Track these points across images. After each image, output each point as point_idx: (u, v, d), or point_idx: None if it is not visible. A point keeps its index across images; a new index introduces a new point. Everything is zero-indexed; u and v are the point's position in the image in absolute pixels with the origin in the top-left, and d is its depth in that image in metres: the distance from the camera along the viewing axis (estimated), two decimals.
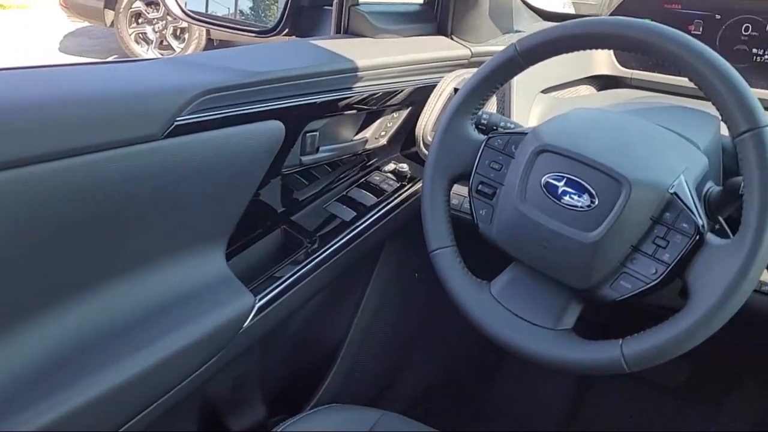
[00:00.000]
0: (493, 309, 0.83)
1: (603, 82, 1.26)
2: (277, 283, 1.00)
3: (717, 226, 0.81)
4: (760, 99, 1.06)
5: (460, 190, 0.95)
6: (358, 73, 1.05)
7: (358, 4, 1.18)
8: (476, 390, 1.58)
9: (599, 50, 0.86)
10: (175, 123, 0.81)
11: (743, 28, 1.08)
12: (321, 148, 1.08)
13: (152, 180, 0.81)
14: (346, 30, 1.19)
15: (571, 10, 2.65)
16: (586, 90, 1.25)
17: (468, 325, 0.84)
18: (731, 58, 1.08)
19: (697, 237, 0.72)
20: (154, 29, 5.33)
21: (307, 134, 1.04)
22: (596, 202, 0.76)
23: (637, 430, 1.46)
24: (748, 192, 0.69)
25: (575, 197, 0.77)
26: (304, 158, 1.06)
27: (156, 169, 0.81)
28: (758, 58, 1.08)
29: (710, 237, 0.73)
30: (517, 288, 0.84)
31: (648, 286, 0.74)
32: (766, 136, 0.68)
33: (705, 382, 1.44)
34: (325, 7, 1.23)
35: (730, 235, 0.73)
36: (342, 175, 1.18)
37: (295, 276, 1.02)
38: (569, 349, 0.78)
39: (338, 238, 1.08)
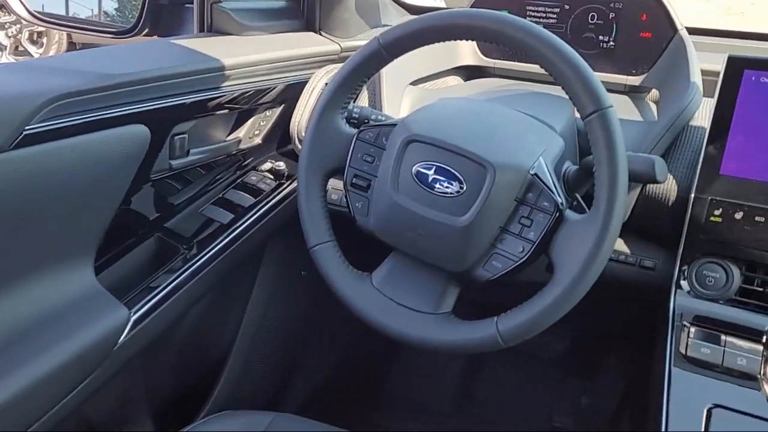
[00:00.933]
0: (375, 299, 0.84)
1: (469, 73, 1.30)
2: (153, 294, 0.96)
3: (575, 203, 0.87)
4: (608, 82, 1.16)
5: (340, 184, 0.96)
6: (225, 72, 1.02)
7: (220, 2, 1.15)
8: (371, 381, 1.60)
9: (464, 42, 0.90)
10: (24, 132, 0.75)
11: (590, 16, 1.16)
12: (191, 151, 1.05)
13: (3, 195, 0.75)
14: (209, 28, 1.16)
15: (442, 5, 2.72)
16: (454, 80, 1.29)
17: (358, 318, 0.85)
18: (581, 45, 1.18)
19: (557, 214, 0.77)
20: (6, 34, 4.93)
21: (176, 137, 1.00)
22: (465, 188, 0.78)
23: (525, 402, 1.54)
24: (598, 169, 0.74)
25: (445, 184, 0.79)
26: (174, 162, 1.02)
27: (6, 183, 0.75)
28: (604, 44, 1.16)
29: (569, 213, 0.77)
30: (396, 277, 0.86)
31: (517, 264, 0.78)
32: (610, 116, 0.73)
33: (584, 351, 1.54)
34: (187, 5, 1.19)
35: (587, 210, 0.78)
36: (217, 177, 1.15)
37: (172, 285, 0.98)
38: (449, 332, 0.80)
39: (216, 242, 1.05)
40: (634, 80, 1.15)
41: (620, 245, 0.98)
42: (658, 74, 1.11)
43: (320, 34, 1.29)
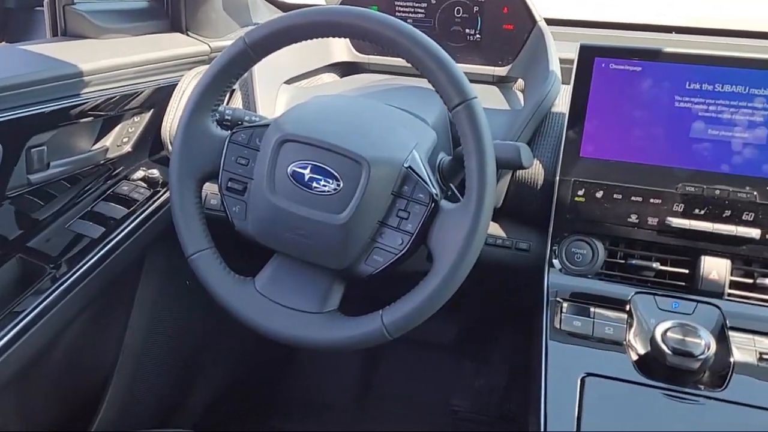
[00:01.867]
0: (259, 303, 0.83)
1: (345, 69, 1.31)
2: (20, 319, 0.89)
3: (450, 193, 0.90)
4: (477, 73, 1.20)
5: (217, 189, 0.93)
6: (84, 78, 0.96)
7: (73, 3, 1.08)
8: (269, 386, 1.58)
9: (336, 39, 0.90)
10: None
11: (455, 10, 1.19)
12: (52, 164, 0.98)
13: None
14: (63, 32, 1.09)
15: (321, 1, 2.70)
16: (330, 77, 1.29)
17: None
18: (449, 39, 1.21)
19: (433, 205, 0.78)
20: None
21: (32, 150, 0.93)
22: (342, 185, 0.79)
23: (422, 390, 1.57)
24: (467, 159, 0.76)
25: (322, 183, 0.79)
26: (33, 177, 0.95)
27: None
28: (471, 37, 1.20)
29: (444, 203, 0.80)
30: (280, 279, 0.84)
31: (397, 256, 0.79)
32: (475, 107, 0.76)
33: (475, 335, 1.59)
34: (38, 9, 1.11)
35: (461, 199, 0.81)
36: (85, 190, 1.09)
37: (40, 307, 0.92)
38: (336, 329, 0.80)
39: (88, 259, 0.99)
40: (501, 71, 1.20)
41: (497, 230, 1.02)
42: (522, 64, 1.16)
43: (187, 35, 1.24)
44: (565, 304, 0.90)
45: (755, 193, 0.87)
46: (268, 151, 0.81)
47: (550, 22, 1.17)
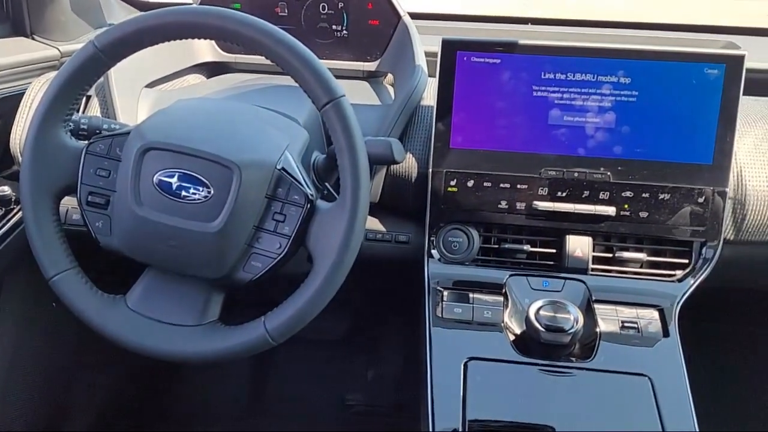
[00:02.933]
0: (132, 321, 0.79)
1: (211, 69, 1.26)
2: None
3: (326, 192, 0.89)
4: (347, 69, 1.21)
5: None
6: None
7: None
8: (155, 404, 1.51)
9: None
10: None
11: (320, 7, 1.18)
12: None
13: None
14: None
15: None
16: (196, 78, 1.24)
17: None
18: (317, 36, 1.20)
19: (309, 205, 0.78)
20: None
21: None
22: (212, 192, 0.76)
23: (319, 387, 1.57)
24: (340, 157, 0.76)
25: (191, 191, 0.76)
26: None
27: None
28: (338, 33, 1.20)
29: (320, 203, 0.79)
30: (154, 294, 0.81)
31: (276, 261, 0.78)
32: (343, 105, 0.76)
33: (366, 328, 1.61)
34: None
35: (337, 197, 0.81)
36: None
37: None
38: (218, 340, 0.78)
39: None
40: (370, 66, 1.21)
41: (376, 224, 1.03)
42: (390, 59, 1.18)
43: (33, 39, 1.15)
44: (445, 293, 0.93)
45: (609, 173, 0.94)
46: (130, 161, 0.77)
47: (415, 16, 1.19)
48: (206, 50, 1.23)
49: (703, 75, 0.90)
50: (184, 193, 0.76)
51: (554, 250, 0.96)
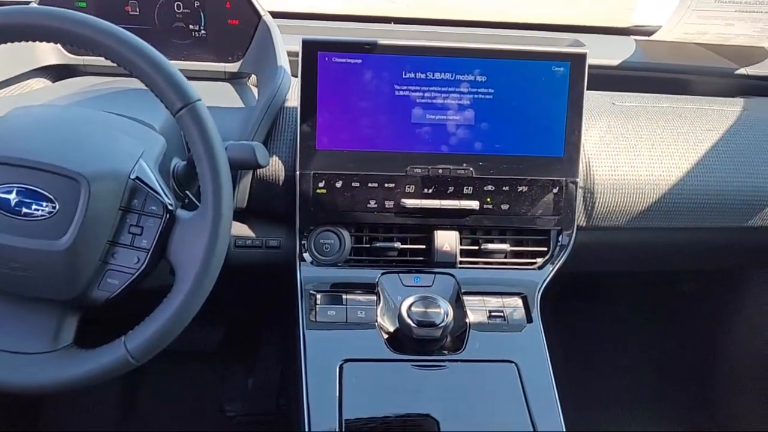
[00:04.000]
0: None
1: (57, 73, 1.17)
2: None
3: (187, 200, 0.86)
4: (208, 71, 1.16)
5: None
6: None
7: None
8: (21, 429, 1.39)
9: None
10: None
11: (176, 5, 1.13)
12: None
13: None
14: None
15: None
16: (39, 83, 1.14)
17: None
18: (173, 36, 1.14)
19: (168, 216, 0.74)
20: None
21: None
22: (58, 207, 0.70)
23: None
24: (199, 164, 0.73)
25: (33, 207, 0.70)
26: None
27: None
28: (196, 33, 1.15)
29: (180, 212, 0.76)
30: None
31: (134, 276, 0.74)
32: (199, 110, 0.73)
33: (243, 336, 1.56)
34: None
35: (199, 206, 0.77)
36: None
37: None
38: (74, 366, 0.72)
39: None
40: (232, 67, 1.17)
41: (245, 231, 1.00)
42: (253, 59, 1.15)
43: None
44: (318, 296, 0.92)
45: (471, 168, 0.97)
46: None
47: (277, 15, 1.17)
48: (51, 52, 1.14)
49: (550, 72, 0.95)
50: (25, 210, 0.70)
51: (424, 246, 0.98)
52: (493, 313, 0.92)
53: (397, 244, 0.97)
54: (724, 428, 1.55)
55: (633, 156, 1.02)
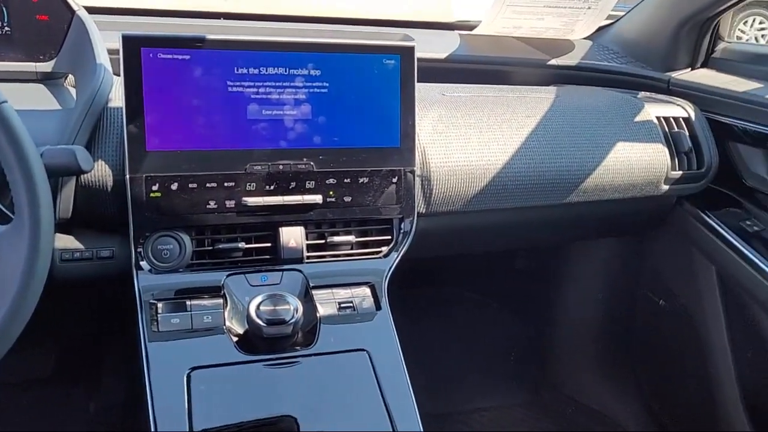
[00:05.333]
0: None
1: None
2: None
3: None
4: (16, 71, 1.06)
5: None
6: None
7: None
8: None
9: None
10: None
11: None
12: None
13: None
14: None
15: None
16: None
17: None
18: None
19: None
20: None
21: None
22: None
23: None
24: (9, 173, 0.67)
25: None
26: None
27: None
28: (2, 30, 1.04)
29: None
30: None
31: None
32: (5, 112, 0.66)
33: (80, 358, 1.44)
34: None
35: (13, 218, 0.70)
36: None
37: None
38: None
39: None
40: (45, 66, 1.07)
41: (72, 243, 0.92)
42: (68, 58, 1.06)
43: None
44: (160, 304, 0.88)
45: (312, 163, 0.97)
46: None
47: (93, 10, 1.08)
48: None
49: (382, 65, 0.98)
50: None
51: (269, 244, 0.97)
52: (342, 305, 0.93)
53: (242, 244, 0.95)
54: (571, 395, 1.69)
55: (464, 143, 1.08)
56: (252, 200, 0.94)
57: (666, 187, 1.21)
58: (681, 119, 1.25)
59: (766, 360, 1.23)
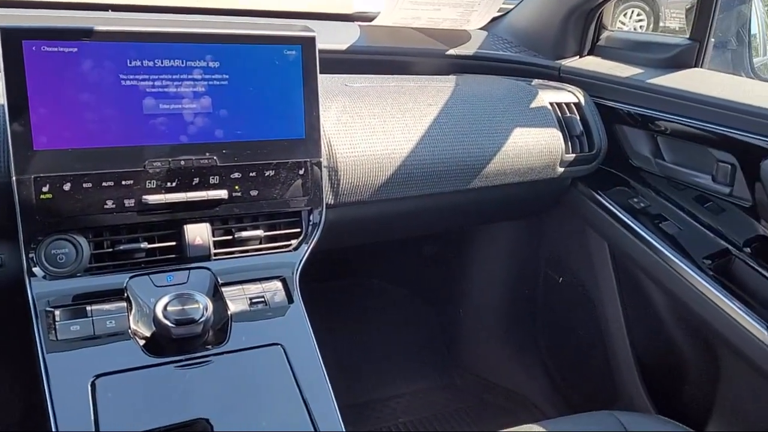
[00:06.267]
0: None
1: None
2: None
3: None
4: None
5: None
6: None
7: None
8: None
9: None
10: None
11: None
12: None
13: None
14: None
15: None
16: None
17: None
18: None
19: None
20: None
21: None
22: None
23: None
24: None
25: None
26: None
27: None
28: None
29: None
30: None
31: None
32: None
33: None
34: None
35: None
36: None
37: None
38: None
39: None
40: None
41: None
42: None
43: None
44: (57, 312, 0.83)
45: (215, 157, 0.94)
46: None
47: None
48: None
49: (283, 56, 0.97)
50: None
51: (174, 243, 0.94)
52: (254, 300, 0.91)
53: (144, 244, 0.91)
54: (482, 375, 1.75)
55: (369, 133, 1.08)
56: (153, 198, 0.90)
57: (561, 170, 1.27)
58: (572, 104, 1.32)
59: (655, 326, 1.32)
